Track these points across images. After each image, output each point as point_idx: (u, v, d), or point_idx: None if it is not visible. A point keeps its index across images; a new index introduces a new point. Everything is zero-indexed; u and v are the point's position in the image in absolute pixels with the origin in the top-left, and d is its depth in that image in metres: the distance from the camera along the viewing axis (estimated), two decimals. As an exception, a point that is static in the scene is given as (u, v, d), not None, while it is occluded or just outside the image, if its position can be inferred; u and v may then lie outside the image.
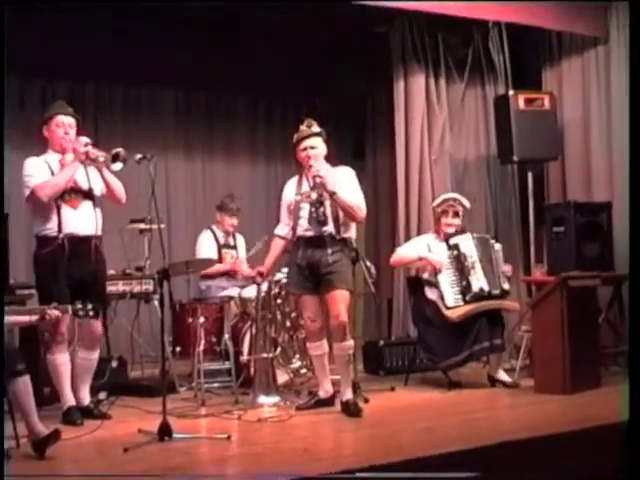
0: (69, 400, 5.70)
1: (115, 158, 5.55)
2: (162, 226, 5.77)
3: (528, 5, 7.70)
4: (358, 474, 4.22)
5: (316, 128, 6.05)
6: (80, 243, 5.67)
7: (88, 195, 5.74)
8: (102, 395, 6.04)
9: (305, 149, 5.98)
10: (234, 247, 7.82)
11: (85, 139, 5.72)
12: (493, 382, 6.92)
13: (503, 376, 6.90)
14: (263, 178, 9.93)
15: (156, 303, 6.95)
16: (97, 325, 5.83)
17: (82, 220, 5.68)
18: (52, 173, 5.71)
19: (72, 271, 5.64)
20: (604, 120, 8.04)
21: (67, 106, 5.90)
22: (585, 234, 7.53)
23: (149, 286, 7.18)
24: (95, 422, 5.47)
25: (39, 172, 5.69)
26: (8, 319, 5.02)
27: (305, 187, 5.99)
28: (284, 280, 6.71)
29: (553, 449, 4.83)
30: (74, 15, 7.77)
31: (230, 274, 7.67)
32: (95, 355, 5.92)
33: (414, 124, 8.47)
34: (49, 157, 5.79)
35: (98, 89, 9.09)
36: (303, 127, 6.07)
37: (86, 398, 5.87)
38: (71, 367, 5.80)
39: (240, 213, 7.81)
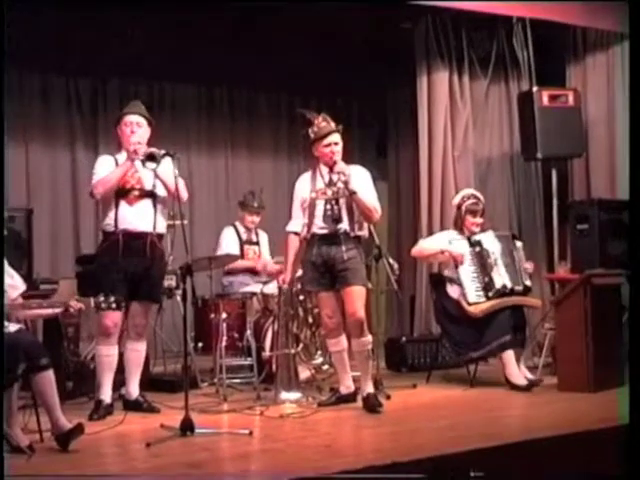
0: (101, 394, 5.74)
1: (149, 157, 5.58)
2: (185, 222, 5.78)
3: (553, 1, 7.65)
4: (378, 471, 4.21)
5: (333, 124, 5.99)
6: (135, 239, 5.75)
7: (150, 194, 5.82)
8: (124, 390, 6.05)
9: (329, 145, 5.89)
10: (257, 243, 7.82)
11: (136, 138, 5.79)
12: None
13: (518, 379, 6.72)
14: (285, 174, 9.92)
15: (179, 299, 6.97)
16: (139, 314, 5.89)
17: (138, 216, 5.77)
18: None
19: (126, 265, 5.73)
20: (629, 117, 7.98)
21: (139, 105, 6.01)
22: (609, 232, 7.48)
23: (172, 282, 7.20)
24: (119, 417, 5.50)
25: (103, 170, 5.81)
26: (32, 313, 5.07)
27: (320, 184, 5.94)
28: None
29: (577, 447, 4.80)
30: (98, 12, 7.80)
31: (253, 270, 7.67)
32: (140, 346, 5.96)
33: (437, 121, 8.46)
34: (120, 156, 5.91)
35: (122, 85, 9.10)
36: (321, 122, 5.97)
37: (134, 392, 5.92)
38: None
39: (262, 210, 7.81)
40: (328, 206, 5.85)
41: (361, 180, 5.92)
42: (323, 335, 6.62)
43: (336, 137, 5.92)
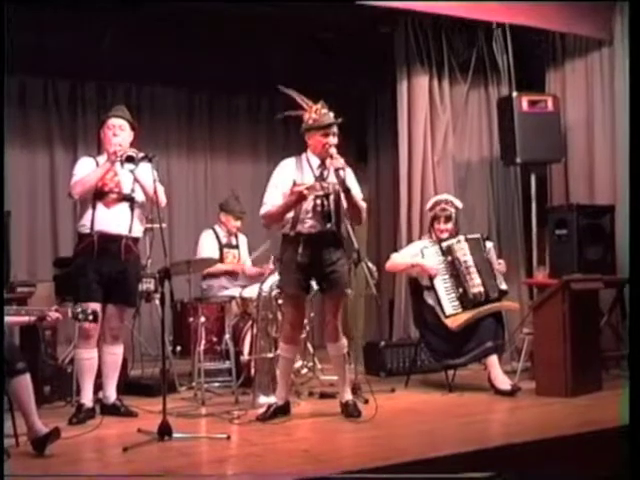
0: (82, 397, 5.74)
1: (128, 159, 5.58)
2: (164, 225, 5.77)
3: (532, 6, 7.67)
4: (358, 475, 4.20)
5: (333, 114, 5.70)
6: (110, 241, 5.74)
7: (128, 198, 5.81)
8: (101, 394, 6.01)
9: (328, 135, 5.58)
10: (236, 247, 7.81)
11: (117, 141, 5.79)
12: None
13: (502, 384, 6.74)
14: (264, 177, 9.77)
15: (157, 302, 6.94)
16: (114, 317, 5.86)
17: (114, 219, 5.76)
18: None
19: (101, 267, 5.73)
20: (607, 123, 8.02)
21: (123, 110, 6.02)
22: (588, 237, 7.51)
23: (150, 285, 7.19)
24: (96, 421, 5.50)
25: (83, 171, 5.82)
26: (8, 319, 5.02)
27: (309, 176, 5.65)
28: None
29: (555, 452, 4.81)
30: (76, 14, 7.76)
31: (232, 274, 7.66)
32: (117, 349, 5.94)
33: (417, 125, 8.46)
34: (101, 158, 5.91)
35: (100, 88, 9.09)
36: (321, 109, 5.69)
37: (112, 396, 5.90)
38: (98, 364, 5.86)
39: (244, 216, 7.79)
40: (318, 201, 5.55)
41: (351, 177, 5.72)
42: (304, 339, 6.60)
43: (335, 128, 5.65)
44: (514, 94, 8.12)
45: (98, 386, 5.97)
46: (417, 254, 6.96)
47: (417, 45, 8.47)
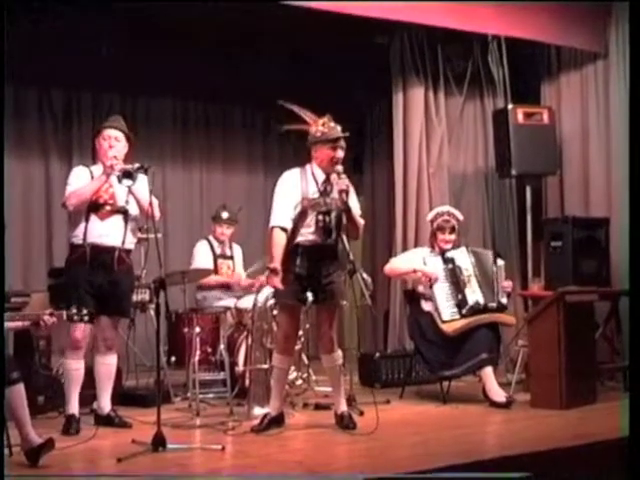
0: (71, 408, 5.71)
1: (126, 175, 5.57)
2: (159, 236, 5.76)
3: (527, 18, 7.69)
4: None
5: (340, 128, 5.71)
6: (103, 253, 5.74)
7: (122, 210, 5.81)
8: (95, 405, 6.00)
9: (336, 148, 5.60)
10: (230, 257, 7.79)
11: (113, 153, 5.78)
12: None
13: (497, 396, 6.69)
14: (260, 189, 9.90)
15: (152, 312, 6.92)
16: (108, 327, 5.85)
17: (107, 231, 5.75)
18: None
19: (93, 278, 5.72)
20: (603, 135, 8.04)
21: (120, 120, 6.02)
22: (582, 249, 7.52)
23: (145, 295, 7.18)
24: (90, 432, 5.46)
25: (77, 181, 5.81)
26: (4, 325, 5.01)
27: (312, 189, 5.64)
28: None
29: (549, 464, 4.80)
30: (73, 24, 7.77)
31: (226, 285, 7.65)
32: (111, 359, 5.92)
33: (412, 137, 8.48)
34: (95, 168, 5.90)
35: (96, 99, 9.08)
36: (329, 122, 5.69)
37: (106, 406, 5.87)
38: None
39: (234, 223, 7.77)
40: (320, 216, 5.57)
41: (352, 196, 5.72)
42: (299, 350, 6.57)
43: (343, 142, 5.67)
44: (509, 106, 8.15)
45: (92, 397, 5.96)
46: (418, 261, 6.96)
47: (412, 57, 8.50)
